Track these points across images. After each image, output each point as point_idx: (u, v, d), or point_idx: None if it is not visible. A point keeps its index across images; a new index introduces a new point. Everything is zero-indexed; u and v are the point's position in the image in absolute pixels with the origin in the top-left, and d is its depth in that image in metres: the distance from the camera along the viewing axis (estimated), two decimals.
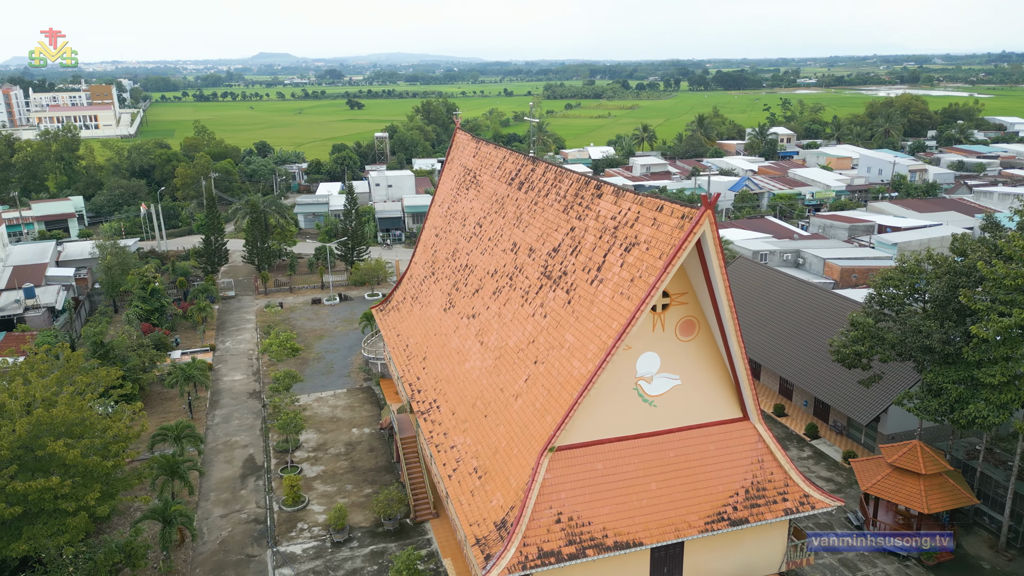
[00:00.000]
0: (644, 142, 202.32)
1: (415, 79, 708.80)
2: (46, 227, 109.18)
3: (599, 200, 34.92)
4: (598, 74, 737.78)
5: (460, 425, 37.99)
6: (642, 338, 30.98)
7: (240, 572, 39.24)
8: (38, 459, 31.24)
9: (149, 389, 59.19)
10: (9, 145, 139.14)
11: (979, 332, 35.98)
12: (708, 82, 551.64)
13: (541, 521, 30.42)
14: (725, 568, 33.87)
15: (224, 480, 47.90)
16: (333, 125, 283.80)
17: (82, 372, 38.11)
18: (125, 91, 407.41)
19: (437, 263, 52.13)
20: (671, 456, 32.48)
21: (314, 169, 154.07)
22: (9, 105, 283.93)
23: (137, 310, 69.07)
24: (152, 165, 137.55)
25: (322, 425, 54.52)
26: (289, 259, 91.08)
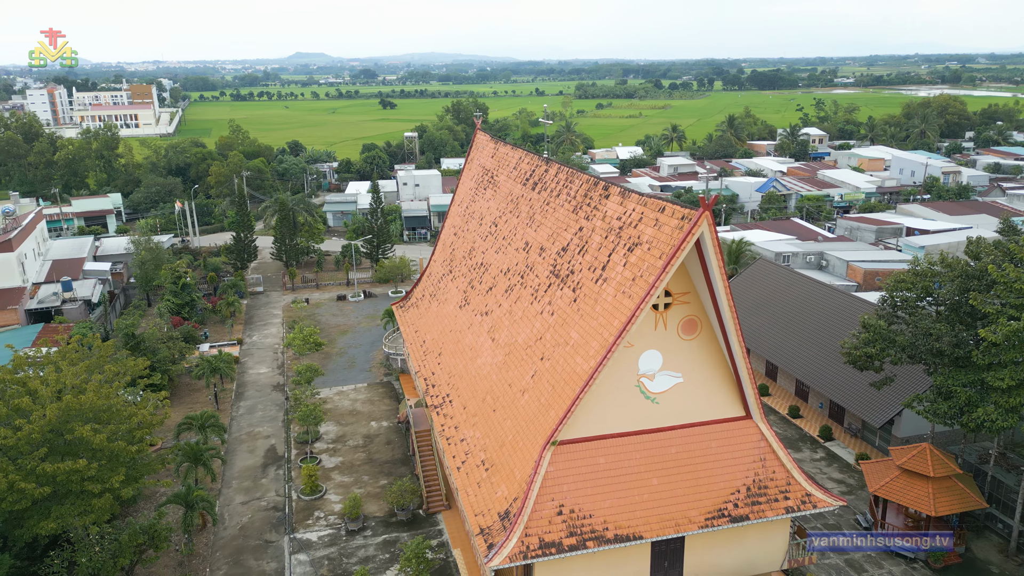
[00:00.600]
0: (673, 142, 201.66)
1: (448, 79, 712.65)
2: (85, 223, 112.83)
3: (606, 201, 35.67)
4: (631, 73, 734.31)
5: (470, 419, 39.01)
6: (644, 336, 31.66)
7: (258, 557, 40.74)
8: (67, 443, 33.00)
9: (178, 380, 61.25)
10: (52, 143, 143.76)
11: (988, 336, 35.99)
12: (742, 82, 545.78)
13: (543, 513, 31.28)
14: (726, 564, 34.38)
15: (246, 469, 49.58)
16: (365, 125, 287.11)
17: (111, 362, 39.92)
18: (165, 91, 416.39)
19: (455, 261, 53.26)
20: (673, 452, 33.11)
21: (344, 168, 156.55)
22: (53, 104, 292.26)
23: (168, 304, 71.38)
24: (188, 163, 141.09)
25: (342, 418, 56.01)
26: (316, 256, 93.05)
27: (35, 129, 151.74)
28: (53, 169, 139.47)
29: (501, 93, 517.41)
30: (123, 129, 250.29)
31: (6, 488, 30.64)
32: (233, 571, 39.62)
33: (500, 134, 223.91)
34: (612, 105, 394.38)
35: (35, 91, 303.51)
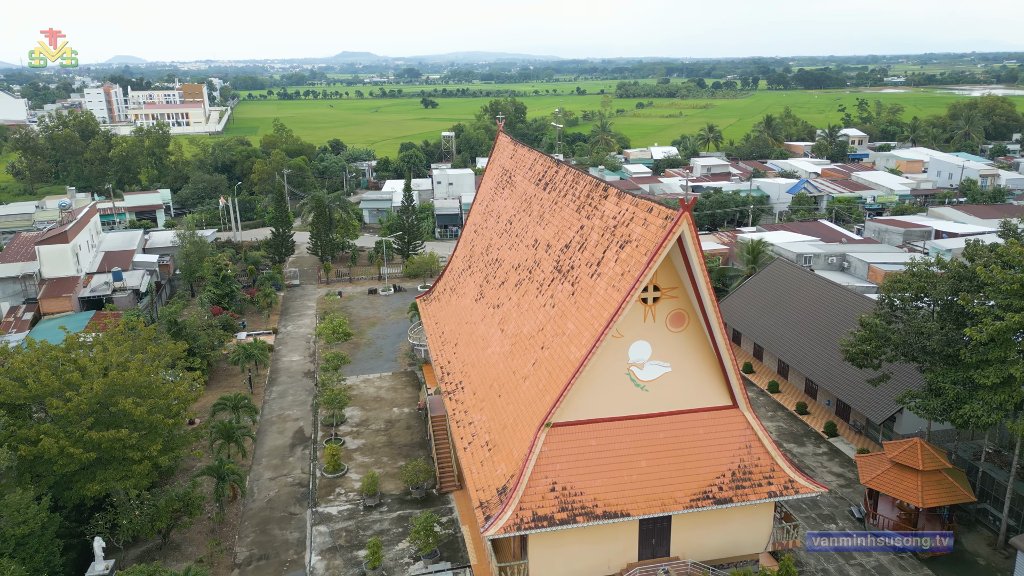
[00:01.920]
0: (710, 143, 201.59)
1: (490, 78, 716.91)
2: (136, 217, 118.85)
3: (604, 201, 38.05)
4: (675, 72, 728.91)
5: (479, 404, 41.74)
6: (634, 327, 33.98)
7: (283, 527, 44.16)
8: (111, 414, 36.72)
9: (216, 365, 65.31)
10: (107, 141, 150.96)
11: (973, 335, 37.41)
12: (788, 81, 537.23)
13: (537, 489, 33.84)
14: (712, 545, 36.47)
15: (275, 448, 53.18)
16: (406, 124, 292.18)
17: (153, 344, 43.74)
18: (215, 90, 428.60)
19: (473, 257, 56.07)
20: (661, 437, 35.36)
21: (382, 167, 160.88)
22: (109, 102, 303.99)
23: (210, 294, 75.75)
24: (233, 161, 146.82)
25: (366, 404, 59.33)
26: (351, 251, 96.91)
27: (91, 127, 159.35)
28: (108, 165, 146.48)
29: (542, 92, 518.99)
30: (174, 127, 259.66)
31: (57, 452, 34.42)
32: (260, 539, 43.08)
33: (537, 133, 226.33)
34: (653, 104, 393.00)
35: (92, 90, 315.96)
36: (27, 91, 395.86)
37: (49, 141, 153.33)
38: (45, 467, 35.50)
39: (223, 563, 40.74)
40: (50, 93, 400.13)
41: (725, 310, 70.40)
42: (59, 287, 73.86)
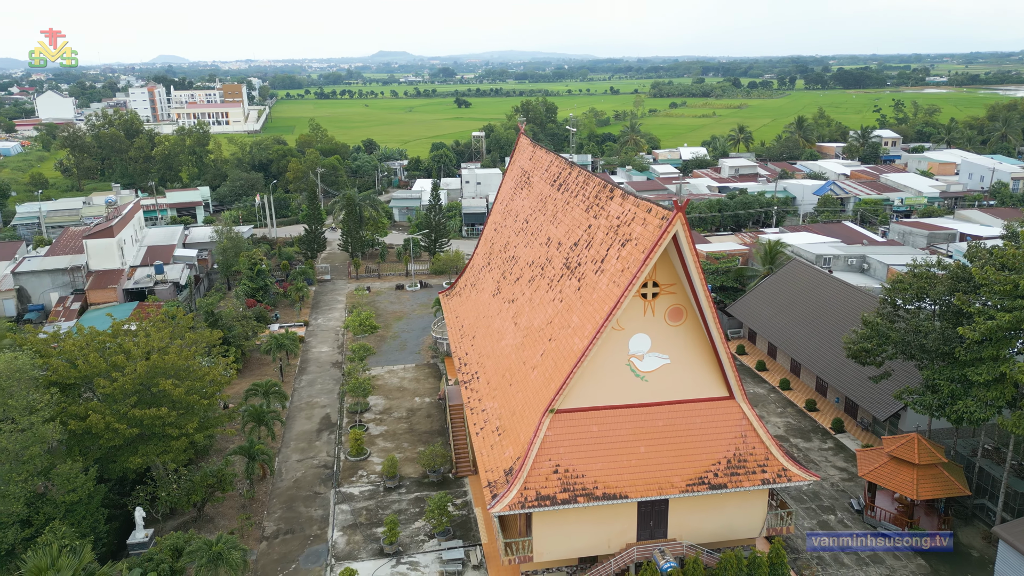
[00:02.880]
0: (740, 143, 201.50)
1: (524, 77, 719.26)
2: (177, 213, 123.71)
3: (610, 202, 40.23)
4: (710, 71, 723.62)
5: (491, 392, 44.22)
6: (634, 321, 36.13)
7: (308, 505, 47.15)
8: (152, 394, 39.98)
9: (249, 355, 68.79)
10: (150, 139, 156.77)
11: (967, 333, 38.85)
12: (826, 80, 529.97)
13: (541, 471, 36.19)
14: (708, 528, 38.44)
15: (303, 432, 56.30)
16: (439, 123, 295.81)
17: (191, 332, 47.06)
18: (254, 89, 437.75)
19: (493, 254, 58.57)
20: (659, 425, 37.45)
21: (413, 166, 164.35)
22: (153, 102, 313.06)
23: (245, 287, 79.43)
24: (270, 159, 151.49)
25: (390, 393, 62.22)
26: (380, 248, 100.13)
27: (136, 126, 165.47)
28: (151, 163, 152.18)
29: (575, 91, 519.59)
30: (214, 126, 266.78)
31: (103, 428, 37.73)
32: (286, 515, 46.12)
33: (567, 133, 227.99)
34: (686, 104, 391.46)
35: (137, 90, 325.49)
36: (74, 90, 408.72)
37: (96, 139, 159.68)
38: (92, 441, 38.87)
39: (252, 536, 43.83)
40: (96, 92, 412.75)
41: (741, 309, 72.02)
42: (105, 279, 78.12)
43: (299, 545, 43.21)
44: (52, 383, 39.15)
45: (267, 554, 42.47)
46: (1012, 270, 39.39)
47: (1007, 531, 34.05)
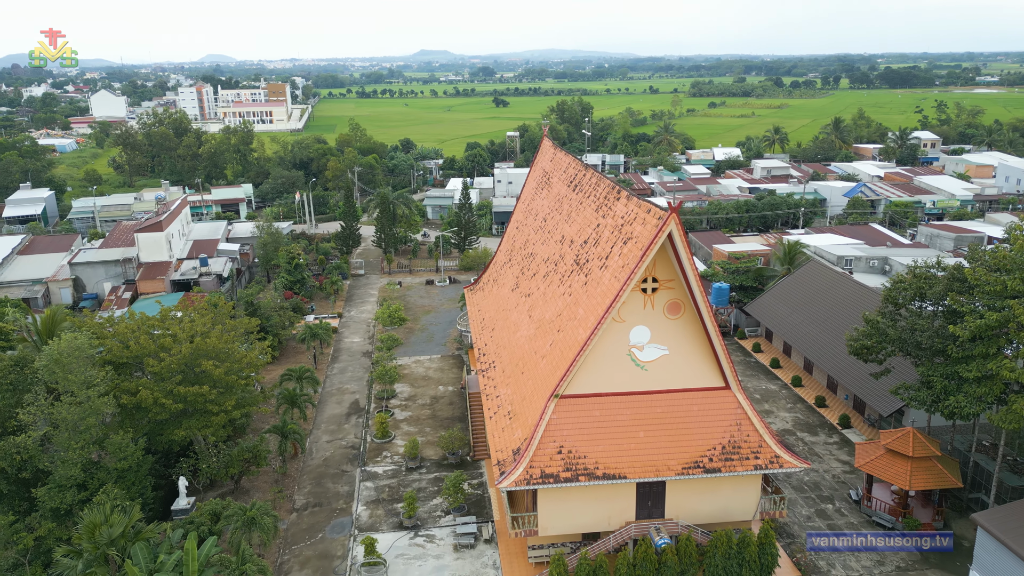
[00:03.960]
0: (775, 144, 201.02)
1: (563, 76, 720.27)
2: (222, 209, 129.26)
3: (617, 202, 42.90)
4: (753, 70, 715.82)
5: (506, 380, 47.26)
6: (634, 313, 38.78)
7: (335, 481, 50.79)
8: (195, 373, 43.90)
9: (286, 343, 72.93)
10: (198, 138, 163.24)
11: (958, 332, 40.69)
12: (872, 79, 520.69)
13: (546, 451, 39.10)
14: (704, 510, 40.89)
15: (333, 416, 60.06)
16: (477, 123, 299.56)
17: (230, 319, 51.04)
18: (297, 88, 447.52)
19: (514, 251, 61.57)
20: (658, 412, 40.04)
21: (448, 165, 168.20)
22: (201, 101, 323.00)
23: (283, 280, 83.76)
24: (310, 158, 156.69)
25: (415, 381, 65.69)
26: (412, 245, 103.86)
27: (184, 125, 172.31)
28: (198, 161, 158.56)
29: (614, 90, 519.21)
30: (258, 125, 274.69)
31: (152, 403, 41.74)
32: (315, 489, 49.82)
33: (602, 133, 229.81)
34: (726, 104, 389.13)
35: (185, 89, 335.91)
36: (126, 89, 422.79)
37: (147, 138, 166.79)
38: (142, 415, 42.92)
39: (284, 507, 47.60)
40: (147, 91, 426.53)
41: (758, 308, 73.82)
42: (154, 270, 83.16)
43: (326, 517, 46.83)
44: (107, 362, 43.28)
45: (296, 524, 46.18)
46: (1004, 271, 41.05)
47: (984, 518, 35.89)
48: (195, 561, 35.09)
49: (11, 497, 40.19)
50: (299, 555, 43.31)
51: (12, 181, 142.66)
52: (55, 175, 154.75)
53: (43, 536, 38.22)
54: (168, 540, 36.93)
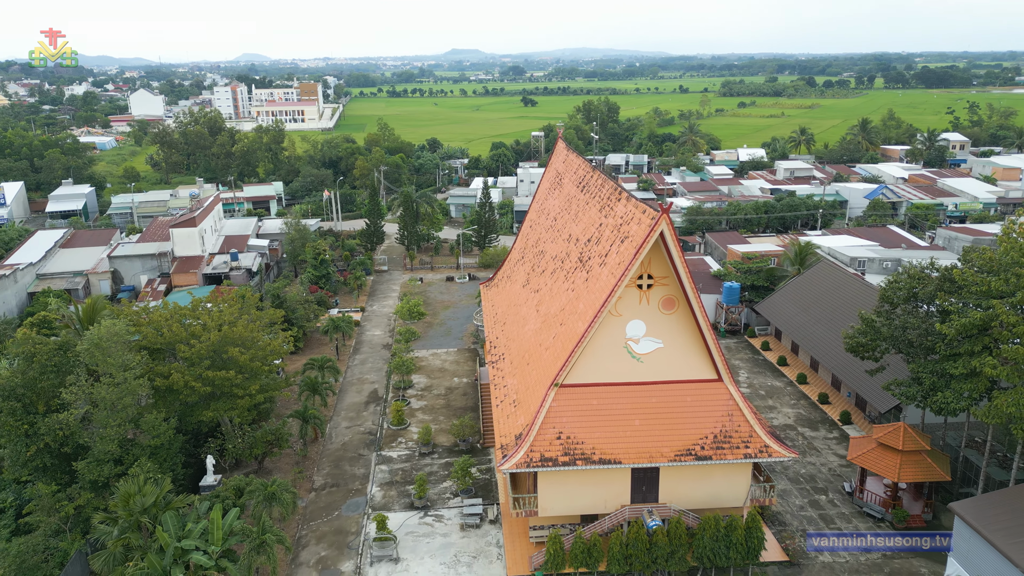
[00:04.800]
0: (801, 145, 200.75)
1: (594, 75, 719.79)
2: (253, 206, 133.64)
3: (618, 203, 45.19)
4: (786, 69, 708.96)
5: (513, 371, 49.82)
6: (630, 308, 41.07)
7: (353, 464, 53.82)
8: (223, 359, 47.16)
9: (310, 335, 76.29)
10: (231, 137, 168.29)
11: (944, 330, 42.38)
12: (907, 79, 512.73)
13: (546, 436, 41.57)
14: (696, 496, 43.01)
15: (352, 404, 63.16)
16: (504, 122, 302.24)
17: (256, 310, 54.33)
18: (329, 88, 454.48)
19: (526, 249, 64.07)
20: (653, 402, 42.28)
21: (473, 164, 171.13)
22: (235, 100, 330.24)
23: (309, 275, 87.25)
24: (339, 157, 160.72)
25: (432, 373, 68.55)
26: (435, 242, 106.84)
27: (218, 124, 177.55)
28: (231, 159, 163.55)
29: (644, 90, 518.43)
30: (291, 123, 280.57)
31: (183, 385, 45.08)
32: (333, 472, 52.89)
33: (628, 133, 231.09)
34: (755, 104, 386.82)
35: (221, 89, 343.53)
36: (164, 88, 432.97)
37: (183, 136, 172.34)
38: (173, 397, 46.29)
39: (303, 487, 50.73)
40: (184, 90, 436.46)
41: (768, 307, 75.41)
42: (187, 264, 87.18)
43: (342, 496, 49.85)
44: (142, 347, 46.71)
45: (315, 502, 49.27)
46: (991, 272, 42.59)
47: (961, 507, 37.54)
48: (219, 530, 38.28)
49: (54, 470, 43.74)
50: (316, 530, 46.36)
51: (55, 178, 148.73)
52: (95, 172, 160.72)
53: (82, 505, 41.65)
54: (196, 511, 40.16)
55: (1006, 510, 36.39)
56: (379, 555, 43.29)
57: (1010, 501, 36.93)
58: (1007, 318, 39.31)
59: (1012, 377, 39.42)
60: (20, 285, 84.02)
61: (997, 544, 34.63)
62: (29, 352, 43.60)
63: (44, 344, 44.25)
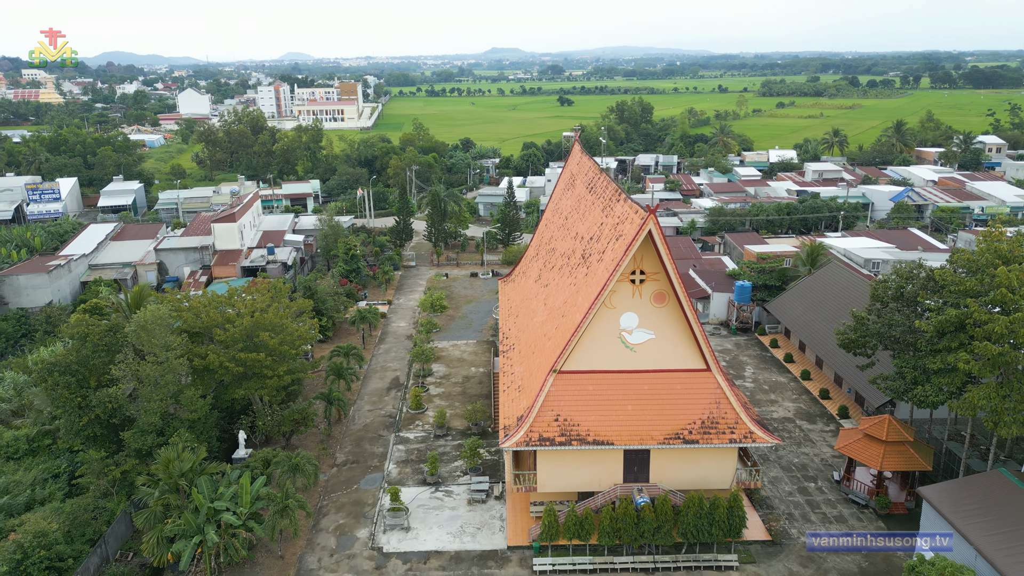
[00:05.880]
0: (834, 147, 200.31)
1: (633, 74, 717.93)
2: (291, 203, 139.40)
3: (617, 204, 48.48)
4: (831, 68, 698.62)
5: (520, 360, 53.46)
6: (624, 301, 44.38)
7: (373, 443, 58.05)
8: (254, 343, 51.70)
9: (339, 325, 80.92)
10: (272, 136, 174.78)
11: (923, 327, 44.85)
12: (954, 79, 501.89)
13: (544, 418, 45.13)
14: (684, 477, 46.15)
15: (375, 390, 67.45)
16: (539, 122, 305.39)
17: (287, 299, 58.88)
18: (369, 87, 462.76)
19: (541, 246, 67.61)
20: (645, 389, 45.53)
21: (504, 164, 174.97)
22: (278, 99, 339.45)
23: (340, 268, 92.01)
24: (374, 156, 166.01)
25: (451, 363, 72.54)
26: (461, 240, 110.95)
27: (260, 123, 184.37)
28: (272, 158, 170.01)
29: (682, 89, 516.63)
30: (331, 122, 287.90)
31: (218, 365, 49.71)
32: (354, 450, 57.17)
33: (661, 133, 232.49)
34: (795, 104, 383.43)
35: (264, 88, 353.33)
36: (211, 87, 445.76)
37: (226, 135, 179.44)
38: (210, 376, 50.96)
39: (327, 462, 55.10)
40: (230, 89, 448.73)
41: (777, 307, 77.76)
42: (227, 257, 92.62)
43: (361, 472, 54.08)
44: (183, 330, 51.45)
45: (336, 476, 53.58)
46: (970, 273, 44.92)
47: (928, 492, 40.12)
48: (248, 494, 42.77)
49: (103, 439, 48.68)
50: (336, 501, 50.62)
51: (106, 174, 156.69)
52: (144, 169, 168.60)
53: (128, 470, 46.46)
54: (227, 477, 44.72)
55: (968, 495, 38.90)
56: (392, 524, 47.32)
57: (972, 487, 39.42)
58: (979, 316, 41.67)
59: (984, 372, 41.82)
60: (74, 275, 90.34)
61: (956, 524, 37.21)
62: (83, 333, 48.58)
63: (96, 326, 49.21)
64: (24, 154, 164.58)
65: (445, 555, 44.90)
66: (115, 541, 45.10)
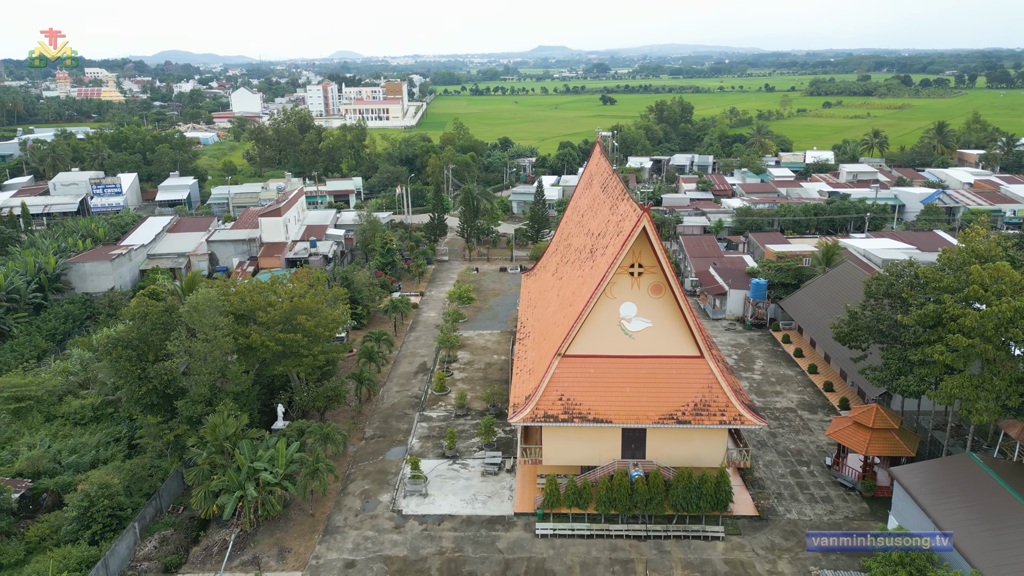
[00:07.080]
0: (873, 148, 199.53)
1: (679, 73, 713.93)
2: (334, 199, 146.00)
3: (621, 203, 52.60)
4: (885, 66, 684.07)
5: (533, 346, 57.97)
6: (623, 292, 48.51)
7: (399, 420, 63.22)
8: (292, 325, 57.27)
9: (373, 314, 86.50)
10: (318, 135, 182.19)
11: (905, 321, 47.99)
12: (1012, 79, 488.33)
13: (549, 397, 49.55)
14: (678, 455, 50.04)
15: (403, 373, 72.70)
16: (580, 121, 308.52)
17: (323, 286, 64.50)
18: (414, 86, 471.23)
19: (560, 242, 71.96)
20: (642, 373, 49.58)
21: (540, 163, 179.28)
22: (326, 98, 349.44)
23: (377, 261, 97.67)
24: (415, 154, 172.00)
25: (475, 351, 77.41)
26: (493, 236, 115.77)
27: (307, 122, 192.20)
28: (318, 156, 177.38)
29: (728, 88, 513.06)
30: (376, 121, 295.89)
31: (260, 344, 55.39)
32: (382, 426, 62.43)
33: (699, 133, 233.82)
34: (842, 104, 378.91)
35: (313, 87, 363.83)
36: (262, 86, 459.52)
37: (275, 133, 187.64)
38: (252, 353, 56.69)
39: (356, 435, 60.47)
40: (280, 88, 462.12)
41: (791, 304, 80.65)
42: (272, 249, 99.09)
43: (387, 445, 59.28)
44: (229, 312, 57.27)
45: (364, 448, 58.88)
46: (950, 270, 47.90)
47: (899, 472, 43.37)
48: (283, 457, 48.28)
49: (159, 407, 54.73)
50: (363, 469, 55.88)
51: (164, 170, 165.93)
52: (198, 165, 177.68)
53: (180, 435, 52.38)
54: (265, 442, 50.29)
55: (934, 475, 42.10)
56: (411, 490, 52.32)
57: (939, 468, 42.58)
58: (954, 311, 44.72)
59: (958, 363, 44.86)
60: (134, 263, 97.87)
61: (920, 501, 40.50)
62: (143, 312, 54.69)
63: (154, 307, 55.26)
64: (88, 150, 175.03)
65: (457, 518, 49.70)
66: (168, 495, 51.11)
